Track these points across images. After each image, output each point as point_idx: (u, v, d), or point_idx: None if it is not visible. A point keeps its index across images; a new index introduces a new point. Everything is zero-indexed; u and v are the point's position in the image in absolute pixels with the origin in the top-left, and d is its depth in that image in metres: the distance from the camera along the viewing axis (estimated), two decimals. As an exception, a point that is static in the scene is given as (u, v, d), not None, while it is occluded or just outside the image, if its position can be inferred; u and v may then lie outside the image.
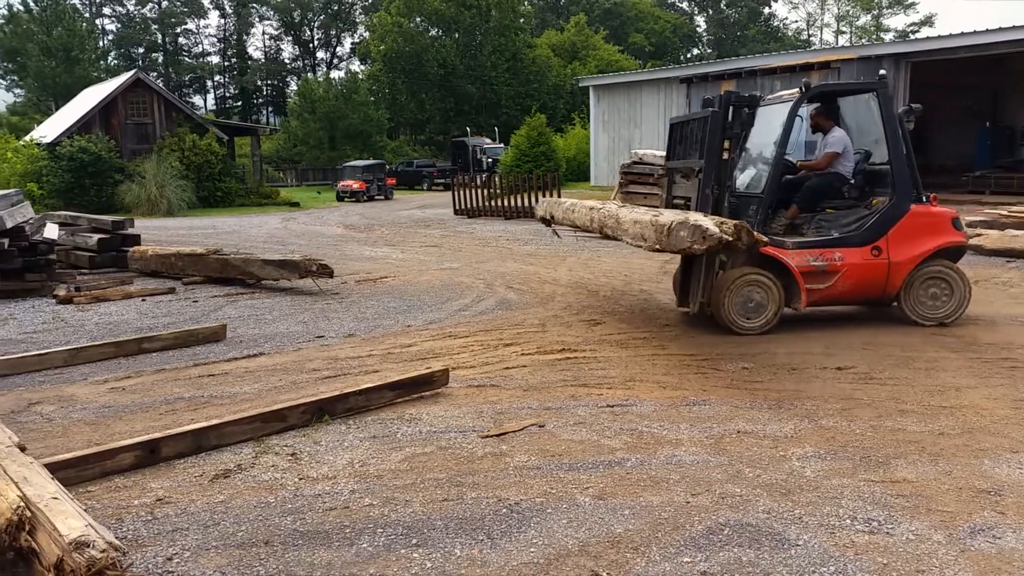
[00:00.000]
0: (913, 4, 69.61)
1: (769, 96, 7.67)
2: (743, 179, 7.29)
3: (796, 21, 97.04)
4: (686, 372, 5.55)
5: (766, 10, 76.02)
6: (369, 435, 4.32)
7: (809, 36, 77.07)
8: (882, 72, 7.46)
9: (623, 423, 4.47)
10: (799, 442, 4.16)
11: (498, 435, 4.30)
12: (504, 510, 3.37)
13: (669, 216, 5.53)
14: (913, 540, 3.09)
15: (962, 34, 19.00)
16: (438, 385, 5.12)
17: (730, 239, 5.20)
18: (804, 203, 7.17)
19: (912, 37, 53.35)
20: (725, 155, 6.52)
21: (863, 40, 63.11)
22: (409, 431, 4.39)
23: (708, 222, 5.24)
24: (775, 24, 77.11)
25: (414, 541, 3.11)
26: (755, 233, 5.50)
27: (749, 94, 6.68)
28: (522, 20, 55.65)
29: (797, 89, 7.05)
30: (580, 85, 33.18)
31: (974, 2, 79.56)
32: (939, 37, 20.85)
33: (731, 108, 6.51)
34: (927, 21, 68.29)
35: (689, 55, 72.67)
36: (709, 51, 73.29)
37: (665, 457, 3.96)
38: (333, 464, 3.90)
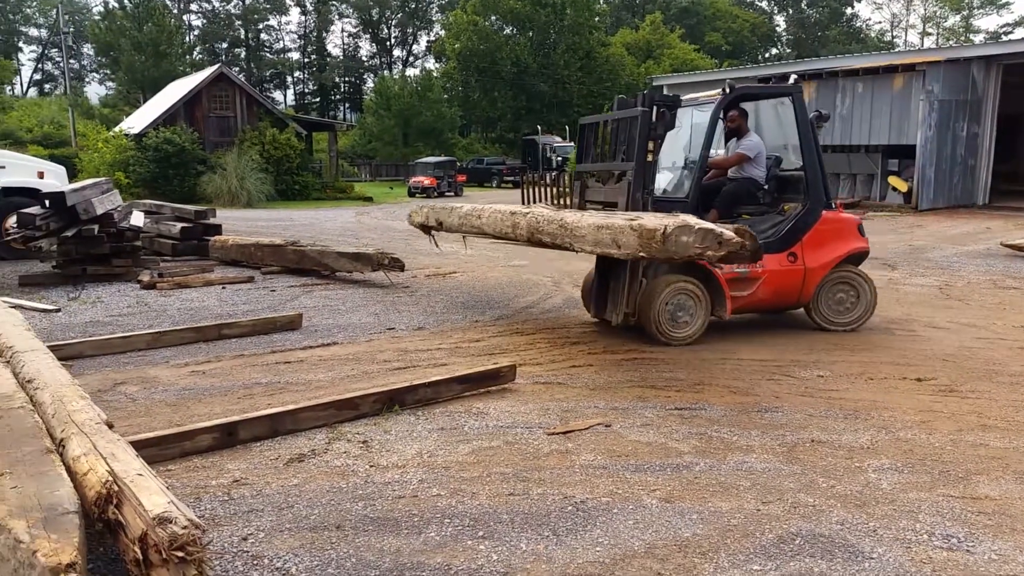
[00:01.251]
0: (1007, 4, 66.74)
1: (686, 97, 7.41)
2: (663, 183, 7.11)
3: (880, 22, 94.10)
4: (757, 378, 5.45)
5: (848, 10, 73.93)
6: (437, 427, 4.37)
7: (893, 37, 74.71)
8: (794, 77, 7.33)
9: (691, 427, 4.42)
10: (875, 453, 4.05)
11: (564, 433, 4.30)
12: (570, 508, 3.38)
13: (656, 219, 5.03)
14: (996, 560, 2.97)
15: (1061, 36, 18.12)
16: (505, 380, 5.15)
17: (742, 243, 4.84)
18: (723, 208, 6.94)
19: (1005, 39, 51.11)
20: (649, 157, 6.27)
21: (951, 42, 60.77)
22: (476, 425, 4.42)
23: (712, 225, 4.85)
24: (857, 25, 74.92)
25: (480, 533, 3.14)
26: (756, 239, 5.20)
27: (672, 94, 6.54)
28: (597, 19, 55.38)
29: (718, 92, 6.88)
30: (654, 84, 32.86)
31: (1074, 2, 75.66)
32: (1035, 39, 19.94)
33: (654, 109, 6.28)
34: (1023, 22, 65.35)
35: (767, 55, 71.17)
36: (788, 51, 71.63)
37: (735, 463, 3.90)
38: (403, 453, 3.97)
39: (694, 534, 3.15)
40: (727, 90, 6.70)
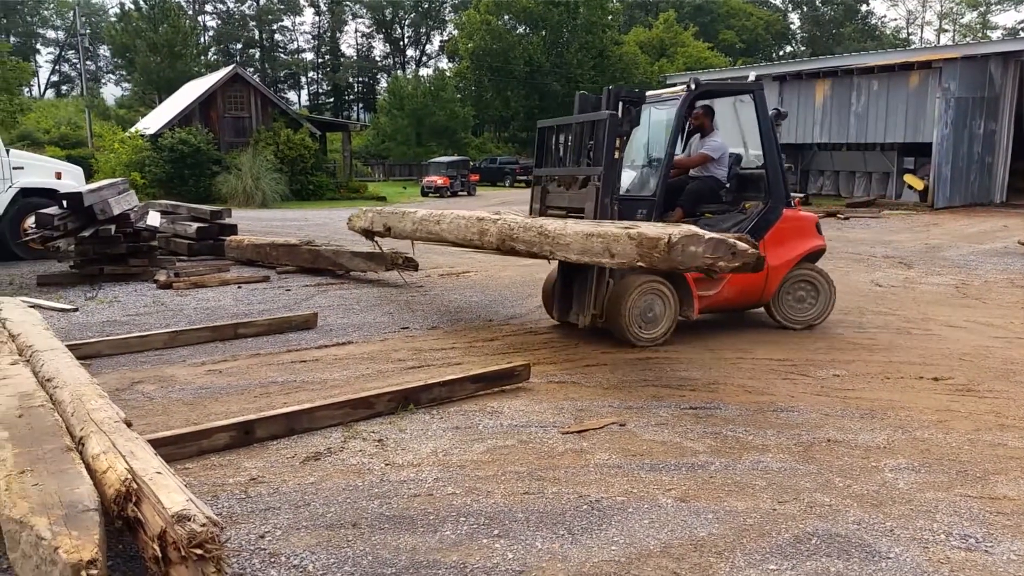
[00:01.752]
0: (1025, 0, 66.01)
1: (650, 93, 7.27)
2: (627, 181, 6.96)
3: (895, 19, 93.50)
4: (773, 377, 5.43)
5: (863, 7, 73.45)
6: (452, 425, 4.39)
7: (909, 35, 74.14)
8: (753, 75, 7.33)
9: (707, 426, 4.41)
10: (892, 453, 4.03)
11: (579, 432, 4.30)
12: (585, 507, 3.38)
13: (656, 227, 4.82)
14: (1015, 560, 2.95)
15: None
16: (519, 379, 5.16)
17: (758, 254, 4.61)
18: (687, 206, 6.87)
19: (1023, 35, 50.58)
20: (616, 154, 6.14)
21: (967, 39, 60.23)
22: (491, 423, 4.43)
23: (722, 235, 4.61)
24: (872, 22, 74.41)
25: (495, 532, 3.15)
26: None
27: (638, 90, 6.41)
28: (610, 17, 55.32)
29: (681, 88, 6.79)
30: (667, 83, 32.76)
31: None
32: (1054, 35, 19.77)
33: (620, 106, 6.18)
34: (1041, 18, 64.69)
35: (781, 53, 70.80)
36: (803, 49, 71.24)
37: (751, 463, 3.89)
38: (417, 452, 3.98)
39: (710, 533, 3.14)
40: (692, 86, 6.57)
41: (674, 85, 29.25)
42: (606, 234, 4.98)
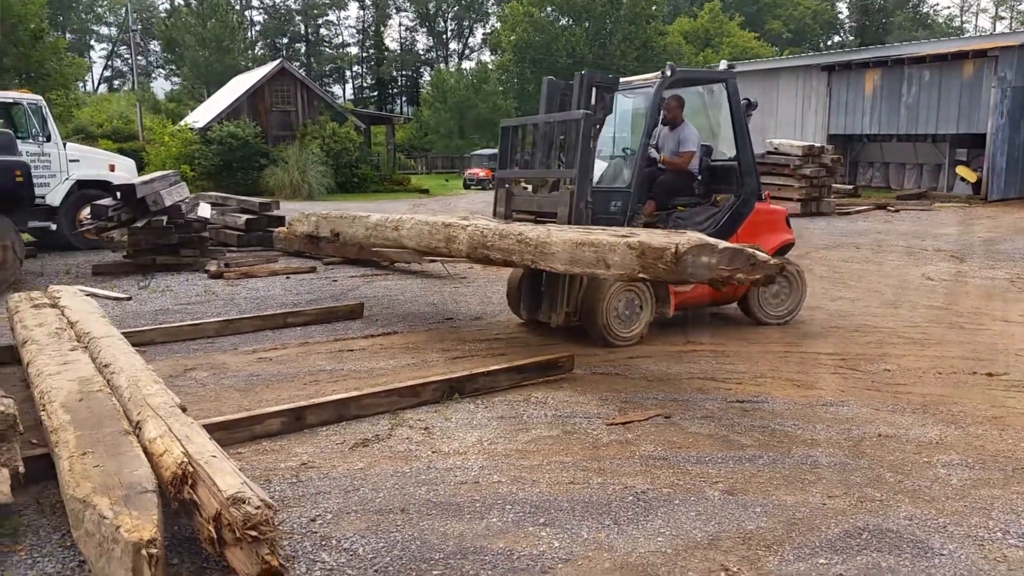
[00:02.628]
0: (1087, -15, 63.80)
1: (622, 80, 6.86)
2: (598, 172, 6.53)
3: (948, 7, 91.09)
4: (821, 371, 5.36)
5: (915, -4, 71.57)
6: (497, 415, 4.41)
7: (963, 23, 72.08)
8: (725, 63, 7.07)
9: (753, 420, 4.37)
10: (945, 449, 3.95)
11: (623, 423, 4.29)
12: (630, 498, 3.38)
13: (661, 236, 4.43)
14: (1074, 560, 2.88)
15: None
16: (563, 371, 5.16)
17: (781, 266, 4.42)
18: (659, 199, 6.57)
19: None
20: (591, 151, 5.81)
21: (1026, 26, 58.41)
22: (535, 414, 4.45)
23: (738, 244, 4.36)
24: (924, 10, 72.47)
25: (541, 520, 3.16)
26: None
27: (612, 76, 6.16)
28: (654, 8, 54.74)
29: (655, 75, 6.52)
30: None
31: None
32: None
33: (593, 92, 5.89)
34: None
35: (829, 43, 69.39)
36: (851, 39, 69.71)
37: (800, 457, 3.84)
38: (463, 440, 4.01)
39: (758, 527, 3.12)
40: (668, 73, 6.33)
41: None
42: (600, 243, 4.53)
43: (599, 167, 6.71)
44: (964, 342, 6.16)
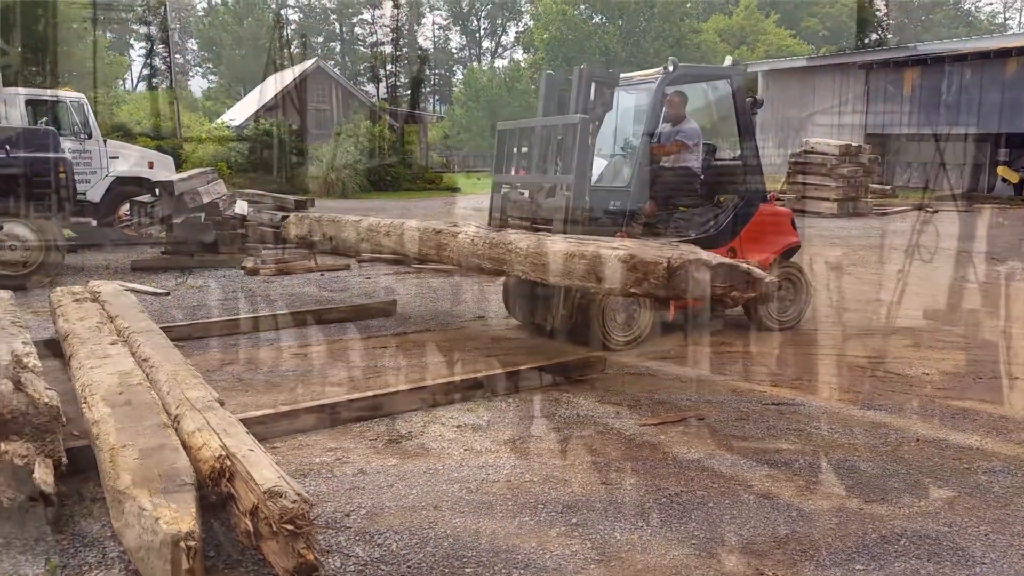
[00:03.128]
0: None
1: (622, 76, 6.64)
2: (597, 170, 6.37)
3: (991, 3, 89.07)
4: (859, 375, 5.28)
5: (956, -7, 70.19)
6: (528, 414, 4.41)
7: (1006, 20, 70.45)
8: (729, 59, 6.87)
9: (789, 423, 4.32)
10: (986, 455, 3.87)
11: (656, 424, 4.27)
12: (664, 499, 3.35)
13: (653, 249, 4.24)
14: (1122, 572, 2.81)
15: None
16: (596, 370, 5.15)
17: (779, 283, 4.36)
18: (659, 199, 6.35)
19: None
20: (589, 152, 5.69)
21: (1073, 23, 56.95)
22: (567, 413, 4.44)
23: (733, 260, 4.27)
24: (965, 7, 71.02)
25: (573, 520, 3.16)
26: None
27: (612, 71, 5.99)
28: (688, 5, 54.34)
29: (657, 71, 6.34)
30: (748, 71, 31.98)
31: None
32: None
33: (592, 87, 5.73)
34: None
35: (867, 41, 68.32)
36: (890, 36, 68.56)
37: (837, 460, 3.79)
38: (495, 438, 4.02)
39: (793, 531, 3.08)
40: (671, 68, 6.17)
41: (754, 73, 28.50)
42: (591, 255, 4.36)
43: (599, 165, 6.60)
44: (1006, 346, 6.03)
